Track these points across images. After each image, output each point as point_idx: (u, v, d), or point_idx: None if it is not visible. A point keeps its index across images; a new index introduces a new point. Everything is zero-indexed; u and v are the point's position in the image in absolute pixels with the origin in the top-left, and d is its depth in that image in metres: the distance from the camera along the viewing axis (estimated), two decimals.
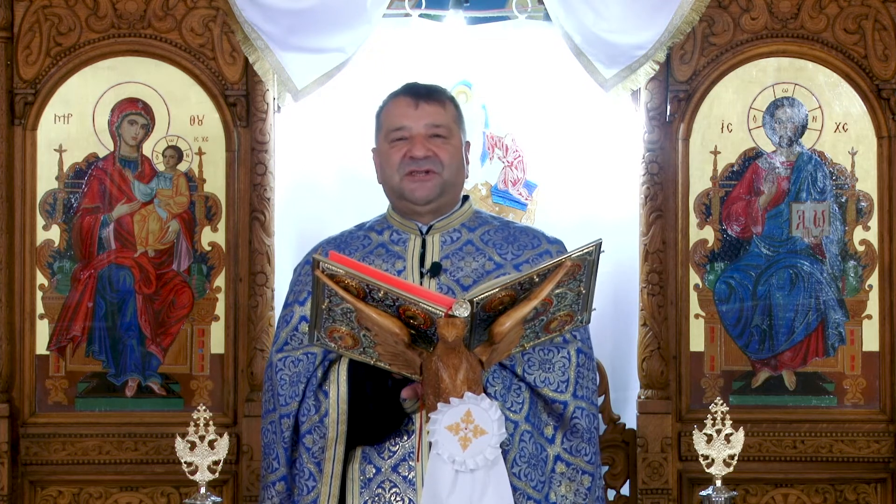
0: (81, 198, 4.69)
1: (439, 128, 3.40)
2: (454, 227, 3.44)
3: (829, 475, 4.68)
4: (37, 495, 4.70)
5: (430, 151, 3.36)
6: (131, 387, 4.69)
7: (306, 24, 4.52)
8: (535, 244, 3.44)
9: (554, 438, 3.30)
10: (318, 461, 3.26)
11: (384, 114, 3.47)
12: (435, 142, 3.38)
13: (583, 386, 3.32)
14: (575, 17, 4.53)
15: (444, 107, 3.44)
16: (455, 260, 3.37)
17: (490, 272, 3.34)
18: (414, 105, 3.40)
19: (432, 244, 3.40)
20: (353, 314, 2.99)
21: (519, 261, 3.38)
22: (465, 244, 3.41)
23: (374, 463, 3.26)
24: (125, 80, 4.70)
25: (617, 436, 4.74)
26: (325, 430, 3.26)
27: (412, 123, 3.39)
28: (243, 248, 4.67)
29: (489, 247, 3.41)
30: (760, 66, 4.69)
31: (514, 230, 3.48)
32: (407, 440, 3.24)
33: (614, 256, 4.59)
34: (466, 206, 3.49)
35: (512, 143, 4.86)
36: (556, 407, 3.27)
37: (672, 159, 4.69)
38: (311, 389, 3.30)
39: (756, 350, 4.68)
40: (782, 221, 4.68)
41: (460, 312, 2.89)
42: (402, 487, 3.23)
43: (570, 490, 3.30)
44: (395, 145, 3.40)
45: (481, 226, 3.46)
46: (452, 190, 3.44)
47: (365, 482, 3.26)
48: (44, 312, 4.69)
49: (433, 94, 3.45)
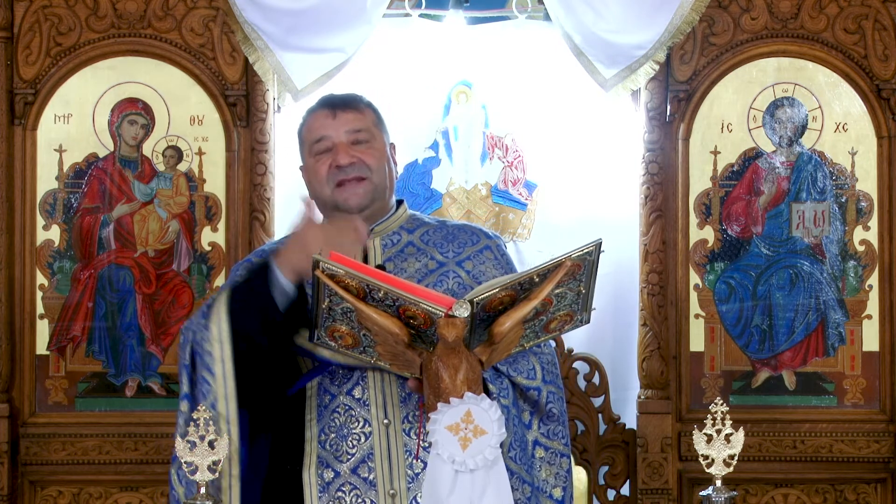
0: (81, 198, 4.69)
1: (360, 132, 3.38)
2: (393, 229, 3.43)
3: (829, 475, 4.68)
4: (37, 495, 4.70)
5: (355, 158, 3.34)
6: (131, 387, 4.70)
7: (306, 24, 4.52)
8: (474, 240, 3.44)
9: (531, 424, 3.32)
10: (209, 365, 3.20)
11: (305, 129, 3.44)
12: (358, 148, 3.36)
13: (549, 371, 3.34)
14: (575, 17, 4.53)
15: (361, 112, 3.41)
16: (398, 262, 3.37)
17: (433, 271, 3.34)
18: (332, 115, 3.38)
19: (373, 248, 3.40)
20: (353, 314, 2.99)
21: (461, 257, 3.38)
22: (406, 245, 3.41)
23: (333, 467, 3.25)
24: (125, 80, 4.70)
25: (617, 436, 4.74)
26: (208, 332, 3.21)
27: (332, 132, 3.36)
28: (243, 248, 4.67)
29: (430, 246, 3.41)
30: (760, 66, 4.70)
31: (452, 228, 3.48)
32: (365, 442, 3.24)
33: (614, 256, 4.59)
34: (402, 209, 3.48)
35: (512, 143, 4.86)
36: (531, 394, 3.29)
37: (672, 159, 4.69)
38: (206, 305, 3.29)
39: (756, 350, 4.69)
40: (782, 221, 4.69)
41: (460, 313, 2.89)
42: (362, 489, 3.23)
43: (550, 474, 3.32)
44: (319, 158, 3.37)
45: (420, 227, 3.46)
46: (384, 193, 3.42)
47: (323, 486, 3.24)
48: (44, 312, 4.69)
49: (349, 102, 3.43)
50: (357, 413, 3.26)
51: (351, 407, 3.26)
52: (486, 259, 3.39)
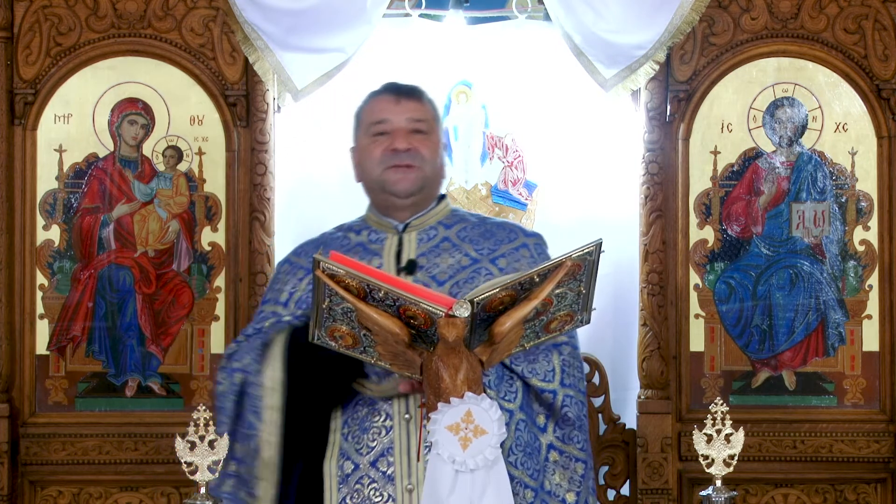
0: (81, 198, 4.69)
1: (420, 122, 3.41)
2: (430, 224, 3.45)
3: (829, 475, 4.68)
4: (37, 495, 4.70)
5: (412, 145, 3.38)
6: (131, 387, 4.70)
7: (306, 24, 4.52)
8: (511, 238, 3.45)
9: (546, 427, 3.31)
10: (257, 410, 3.26)
11: (365, 111, 3.48)
12: (416, 137, 3.39)
13: (569, 374, 3.33)
14: (575, 17, 4.53)
15: (424, 104, 3.46)
16: (431, 257, 3.38)
17: (466, 267, 3.35)
18: (395, 101, 3.42)
19: (409, 242, 3.41)
20: (353, 314, 3.00)
21: (496, 254, 3.39)
22: (441, 241, 3.42)
23: (353, 459, 3.26)
24: (125, 80, 4.70)
25: (617, 436, 4.74)
26: (262, 378, 3.26)
27: (394, 117, 3.40)
28: (243, 248, 4.67)
29: (466, 243, 3.42)
30: (760, 66, 4.70)
31: (491, 225, 3.49)
32: (385, 436, 3.25)
33: (614, 256, 4.59)
34: (443, 204, 3.50)
35: (512, 143, 4.86)
36: (546, 396, 3.29)
37: (672, 159, 4.69)
38: (258, 348, 3.32)
39: (756, 350, 4.69)
40: (782, 221, 4.69)
41: (461, 312, 2.89)
42: (380, 483, 3.24)
43: (563, 478, 3.31)
44: (375, 139, 3.41)
45: (457, 223, 3.47)
46: (432, 186, 3.45)
47: (343, 478, 3.26)
48: (44, 312, 4.69)
49: (414, 91, 3.48)
50: (379, 406, 3.27)
51: (374, 400, 3.27)
52: (522, 257, 3.40)
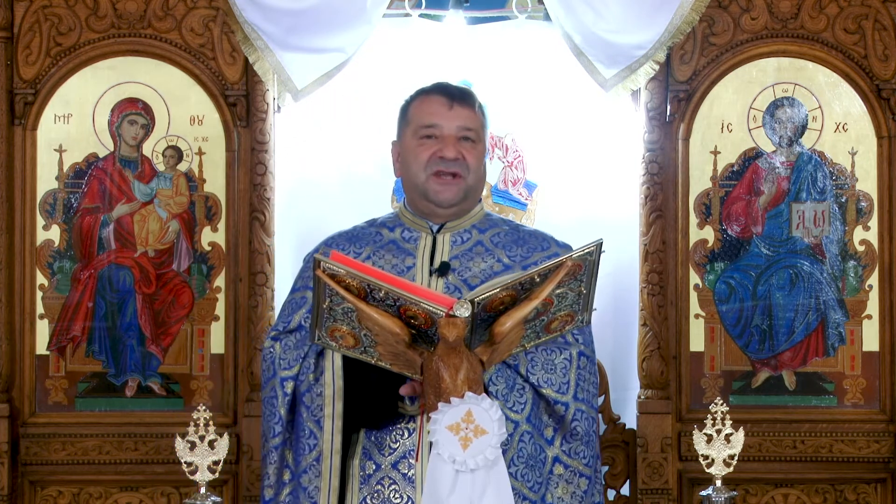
0: (81, 198, 4.69)
1: (470, 131, 3.40)
2: (465, 227, 3.44)
3: (829, 475, 4.68)
4: (37, 495, 4.70)
5: (460, 154, 3.36)
6: (131, 387, 4.70)
7: (306, 24, 4.52)
8: (544, 246, 3.44)
9: (553, 440, 3.30)
10: (318, 419, 3.25)
11: (414, 109, 3.45)
12: (464, 145, 3.38)
13: (583, 388, 3.32)
14: (575, 17, 4.53)
15: (475, 112, 3.44)
16: (464, 260, 3.37)
17: (498, 273, 3.34)
18: (448, 105, 3.40)
19: (442, 243, 3.41)
20: (354, 314, 3.00)
21: (528, 262, 3.38)
22: (475, 245, 3.42)
23: (375, 459, 3.26)
24: (125, 80, 4.70)
25: (617, 436, 4.74)
26: (321, 387, 3.25)
27: (445, 123, 3.38)
28: (243, 248, 4.67)
29: (499, 248, 3.41)
30: (760, 66, 4.70)
31: (524, 233, 3.49)
32: (408, 438, 3.25)
33: (614, 256, 4.59)
34: (477, 208, 3.50)
35: (512, 143, 4.86)
36: (558, 408, 3.27)
37: (672, 159, 4.69)
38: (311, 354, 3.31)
39: (756, 350, 4.69)
40: (782, 221, 4.69)
41: (461, 312, 2.89)
42: (401, 485, 3.24)
43: (566, 492, 3.30)
44: (423, 143, 3.39)
45: (491, 228, 3.47)
46: (473, 195, 3.45)
47: (364, 478, 3.26)
48: (44, 312, 4.69)
49: (467, 97, 3.45)
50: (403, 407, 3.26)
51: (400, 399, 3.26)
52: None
